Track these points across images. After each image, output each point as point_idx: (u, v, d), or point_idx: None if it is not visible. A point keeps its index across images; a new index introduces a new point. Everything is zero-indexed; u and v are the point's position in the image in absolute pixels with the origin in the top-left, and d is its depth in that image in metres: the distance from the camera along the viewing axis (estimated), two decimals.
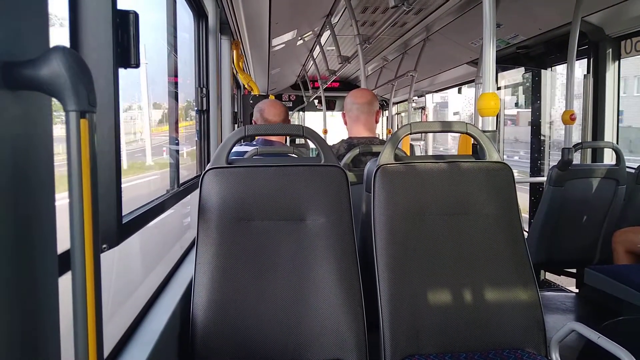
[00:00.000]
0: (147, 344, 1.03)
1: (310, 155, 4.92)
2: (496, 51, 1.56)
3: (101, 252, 0.67)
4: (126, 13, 0.82)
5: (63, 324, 0.56)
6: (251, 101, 4.44)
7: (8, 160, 0.46)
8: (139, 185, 2.64)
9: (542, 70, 4.03)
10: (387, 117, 8.10)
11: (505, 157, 2.79)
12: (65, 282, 0.57)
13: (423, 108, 7.87)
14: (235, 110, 4.33)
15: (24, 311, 0.49)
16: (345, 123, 2.25)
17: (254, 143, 2.37)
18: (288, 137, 6.90)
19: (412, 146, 5.87)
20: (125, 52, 0.83)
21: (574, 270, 3.15)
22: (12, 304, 0.47)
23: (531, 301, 1.38)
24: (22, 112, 0.49)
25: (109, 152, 0.82)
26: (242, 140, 1.51)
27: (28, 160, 0.50)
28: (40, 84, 0.46)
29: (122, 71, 0.85)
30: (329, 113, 8.23)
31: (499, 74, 4.56)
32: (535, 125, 4.17)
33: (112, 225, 0.84)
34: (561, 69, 4.01)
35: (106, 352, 0.92)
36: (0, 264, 0.45)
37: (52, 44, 0.52)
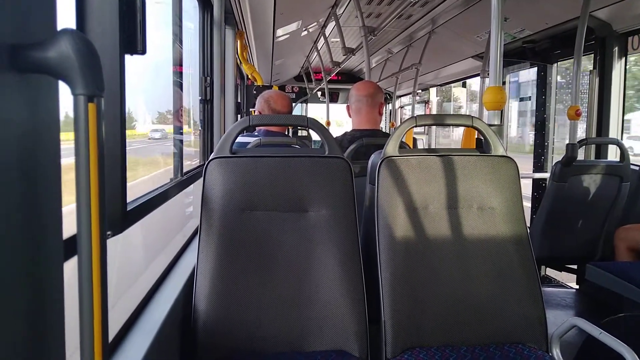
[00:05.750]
0: (149, 331, 1.03)
1: (313, 147, 4.91)
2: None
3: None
4: None
5: (67, 308, 0.56)
6: (254, 92, 4.43)
7: (15, 144, 0.46)
8: None
9: (548, 65, 4.00)
10: (391, 110, 8.06)
11: None
12: (70, 268, 0.57)
13: (427, 102, 7.83)
14: (239, 101, 4.32)
15: (29, 295, 0.49)
16: (350, 115, 2.24)
17: (255, 133, 2.37)
18: (290, 128, 6.92)
19: (415, 140, 5.84)
20: (132, 39, 0.82)
21: (575, 267, 3.14)
22: (17, 288, 0.47)
23: (533, 296, 1.38)
24: (30, 95, 0.48)
25: (115, 139, 0.82)
26: (244, 131, 1.51)
27: (35, 144, 0.49)
28: (49, 66, 0.46)
29: None
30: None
31: (504, 68, 4.52)
32: (540, 120, 4.16)
33: (116, 212, 0.84)
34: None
35: (110, 338, 0.93)
36: (6, 248, 0.45)
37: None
